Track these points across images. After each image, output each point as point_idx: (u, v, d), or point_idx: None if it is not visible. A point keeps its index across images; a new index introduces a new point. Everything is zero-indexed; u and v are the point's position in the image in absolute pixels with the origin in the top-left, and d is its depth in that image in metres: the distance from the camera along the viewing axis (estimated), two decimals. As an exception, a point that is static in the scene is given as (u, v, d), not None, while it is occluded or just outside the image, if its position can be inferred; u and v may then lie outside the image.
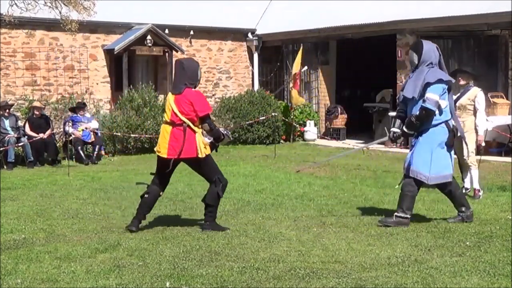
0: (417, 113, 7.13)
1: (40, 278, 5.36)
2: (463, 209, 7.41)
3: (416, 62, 7.25)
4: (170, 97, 6.99)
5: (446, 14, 15.02)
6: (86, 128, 14.32)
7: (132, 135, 15.00)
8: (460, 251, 6.09)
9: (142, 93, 15.76)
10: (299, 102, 17.41)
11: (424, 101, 7.06)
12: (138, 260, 5.87)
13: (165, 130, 6.96)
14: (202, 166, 7.00)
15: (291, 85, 17.34)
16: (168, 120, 6.93)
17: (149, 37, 17.21)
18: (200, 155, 6.85)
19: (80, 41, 17.01)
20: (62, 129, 14.77)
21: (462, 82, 9.28)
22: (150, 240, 6.58)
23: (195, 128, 6.87)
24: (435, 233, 6.80)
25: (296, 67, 17.05)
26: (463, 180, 9.24)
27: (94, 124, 14.66)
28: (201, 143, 6.87)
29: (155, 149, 7.17)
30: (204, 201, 7.09)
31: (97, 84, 17.44)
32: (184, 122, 6.82)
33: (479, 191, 9.07)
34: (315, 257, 5.91)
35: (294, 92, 16.97)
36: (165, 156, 6.92)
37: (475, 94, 9.21)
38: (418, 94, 7.13)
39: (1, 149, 13.07)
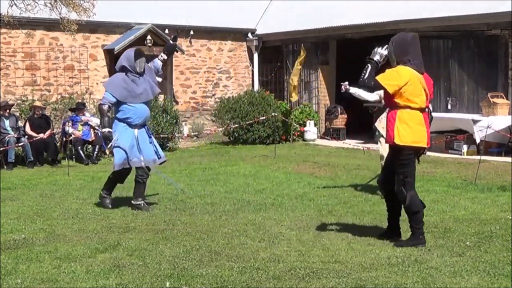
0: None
1: (40, 278, 5.36)
2: (139, 199, 8.31)
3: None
4: (421, 78, 6.24)
5: (446, 14, 15.02)
6: (88, 122, 14.32)
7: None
8: (460, 251, 6.10)
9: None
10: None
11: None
12: (138, 260, 5.87)
13: (419, 117, 6.23)
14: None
15: (295, 82, 17.33)
16: (424, 106, 6.26)
17: (149, 37, 17.21)
18: (431, 144, 6.51)
19: (80, 41, 17.02)
20: (61, 130, 14.74)
21: None
22: (150, 240, 6.58)
23: None
24: (435, 233, 6.80)
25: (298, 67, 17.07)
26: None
27: (97, 120, 14.62)
28: None
29: (404, 142, 6.19)
30: (412, 211, 6.33)
31: (97, 84, 17.44)
32: (428, 106, 6.36)
33: None
34: (315, 257, 5.91)
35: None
36: (425, 146, 6.29)
37: None
38: None
39: (1, 149, 13.07)
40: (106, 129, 8.31)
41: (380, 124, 9.03)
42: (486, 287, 5.07)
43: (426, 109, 6.33)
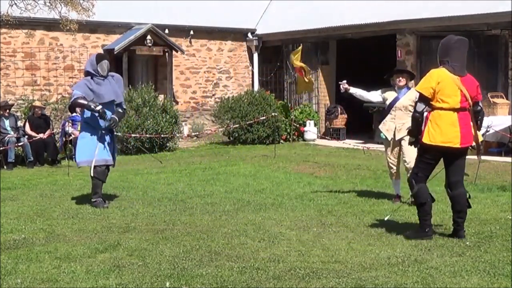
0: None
1: (40, 278, 5.36)
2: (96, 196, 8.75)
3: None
4: (456, 80, 6.39)
5: (446, 14, 15.02)
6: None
7: (132, 135, 14.99)
8: (460, 251, 6.10)
9: (142, 93, 15.77)
10: (307, 88, 17.34)
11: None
12: (138, 260, 5.87)
13: (452, 118, 6.40)
14: (464, 158, 6.62)
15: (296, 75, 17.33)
16: (458, 106, 6.38)
17: (149, 37, 17.22)
18: (479, 142, 6.60)
19: (80, 41, 17.02)
20: (60, 130, 14.71)
21: (402, 83, 8.67)
22: (150, 240, 6.58)
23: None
24: (435, 233, 6.79)
25: (296, 61, 16.97)
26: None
27: None
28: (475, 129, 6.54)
29: (433, 142, 6.40)
30: (460, 209, 6.60)
31: (97, 84, 17.44)
32: (470, 106, 6.46)
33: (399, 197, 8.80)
34: (315, 257, 5.91)
35: (300, 80, 17.00)
36: (458, 146, 6.41)
37: (416, 95, 7.40)
38: None
39: (1, 149, 13.07)
40: (99, 107, 8.47)
41: (384, 126, 8.76)
42: (486, 287, 5.07)
43: (467, 109, 6.45)
